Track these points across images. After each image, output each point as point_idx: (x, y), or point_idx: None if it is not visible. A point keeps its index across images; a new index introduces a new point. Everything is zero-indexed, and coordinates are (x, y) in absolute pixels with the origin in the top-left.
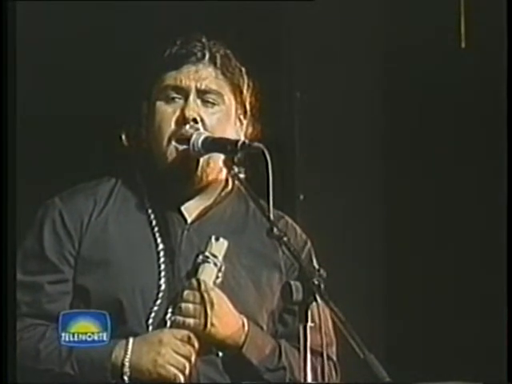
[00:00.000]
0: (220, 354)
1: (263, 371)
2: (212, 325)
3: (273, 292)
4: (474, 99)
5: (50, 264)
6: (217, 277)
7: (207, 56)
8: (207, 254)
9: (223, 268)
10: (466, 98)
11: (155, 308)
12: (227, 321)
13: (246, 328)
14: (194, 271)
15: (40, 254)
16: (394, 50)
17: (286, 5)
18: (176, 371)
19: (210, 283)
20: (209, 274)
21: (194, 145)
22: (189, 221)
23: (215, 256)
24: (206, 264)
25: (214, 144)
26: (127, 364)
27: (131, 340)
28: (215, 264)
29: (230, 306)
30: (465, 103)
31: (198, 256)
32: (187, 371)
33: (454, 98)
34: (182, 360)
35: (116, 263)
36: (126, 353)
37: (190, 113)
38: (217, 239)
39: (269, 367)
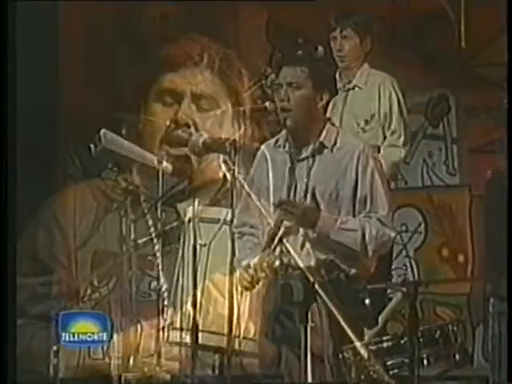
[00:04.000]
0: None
1: (260, 377)
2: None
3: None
4: (474, 99)
5: (43, 265)
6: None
7: (205, 60)
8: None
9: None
10: (466, 98)
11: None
12: (238, 325)
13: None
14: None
15: (33, 256)
16: (394, 49)
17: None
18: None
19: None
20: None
21: (194, 145)
22: (186, 218)
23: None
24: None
25: (214, 144)
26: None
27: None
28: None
29: (247, 312)
30: (465, 103)
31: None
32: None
33: (454, 98)
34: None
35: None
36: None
37: (183, 118)
38: None
39: (266, 374)
